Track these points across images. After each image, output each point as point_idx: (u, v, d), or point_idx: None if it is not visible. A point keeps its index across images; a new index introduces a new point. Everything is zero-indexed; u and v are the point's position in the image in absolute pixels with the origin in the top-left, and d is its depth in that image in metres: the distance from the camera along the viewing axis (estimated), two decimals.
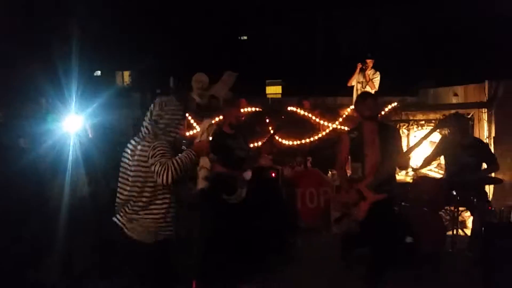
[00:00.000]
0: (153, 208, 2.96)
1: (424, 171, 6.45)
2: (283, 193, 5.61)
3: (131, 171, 2.99)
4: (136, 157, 2.97)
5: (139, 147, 2.98)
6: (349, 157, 4.04)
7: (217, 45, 13.39)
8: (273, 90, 16.86)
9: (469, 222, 5.42)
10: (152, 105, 3.09)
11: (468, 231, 5.18)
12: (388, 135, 3.89)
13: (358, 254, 4.53)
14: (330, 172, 6.60)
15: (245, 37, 16.09)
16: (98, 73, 15.53)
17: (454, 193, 4.95)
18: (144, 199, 2.95)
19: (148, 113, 3.07)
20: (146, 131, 3.04)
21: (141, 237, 2.95)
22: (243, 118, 4.78)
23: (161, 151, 2.89)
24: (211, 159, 3.90)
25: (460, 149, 4.92)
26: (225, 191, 4.35)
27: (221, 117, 6.44)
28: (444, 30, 7.48)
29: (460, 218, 5.22)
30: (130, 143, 3.05)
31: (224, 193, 4.36)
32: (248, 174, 4.44)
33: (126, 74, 15.05)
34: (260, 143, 5.98)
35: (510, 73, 5.88)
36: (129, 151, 3.03)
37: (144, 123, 3.07)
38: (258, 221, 4.99)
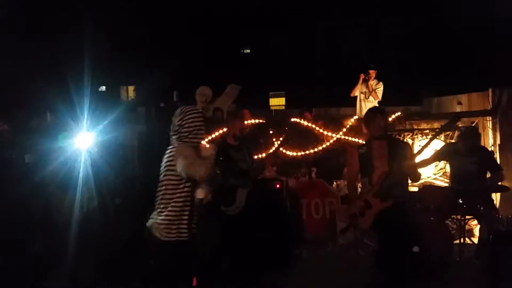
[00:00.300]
0: (174, 205, 3.13)
1: (430, 179, 6.41)
2: (288, 204, 5.60)
3: (161, 175, 3.21)
4: (164, 161, 3.20)
5: (167, 152, 3.22)
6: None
7: (220, 58, 13.49)
8: (277, 102, 16.93)
9: (476, 231, 5.37)
10: (173, 117, 3.24)
11: (476, 240, 5.14)
12: (397, 148, 3.89)
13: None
14: (335, 183, 6.58)
15: (248, 50, 16.21)
16: (103, 88, 15.67)
17: (461, 201, 4.92)
18: (167, 197, 3.15)
19: (171, 125, 3.24)
20: (172, 141, 3.23)
21: (165, 236, 3.13)
22: (247, 130, 4.82)
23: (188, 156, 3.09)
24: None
25: (464, 156, 4.92)
26: (223, 202, 4.36)
27: (225, 129, 6.50)
28: (447, 40, 7.50)
29: (467, 227, 5.18)
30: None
31: (222, 205, 4.37)
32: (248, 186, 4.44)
33: (131, 89, 15.16)
34: (264, 155, 6.00)
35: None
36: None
37: (170, 133, 3.26)
38: (260, 232, 5.01)
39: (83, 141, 4.45)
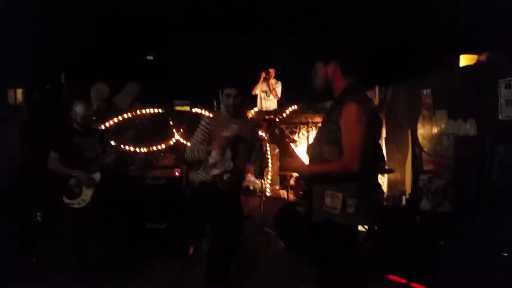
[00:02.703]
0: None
1: None
2: (188, 193, 5.42)
3: None
4: None
5: None
6: None
7: (121, 62, 12.93)
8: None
9: None
10: None
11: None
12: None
13: None
14: None
15: (151, 57, 15.75)
16: None
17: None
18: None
19: None
20: None
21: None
22: (91, 118, 4.40)
23: (198, 130, 3.80)
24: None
25: None
26: (66, 194, 4.04)
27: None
28: (337, 41, 7.94)
29: None
30: None
31: (66, 197, 4.04)
32: (96, 176, 4.12)
33: (19, 91, 13.77)
34: (163, 146, 5.80)
35: (397, 78, 6.37)
36: None
37: None
38: (153, 223, 4.85)
39: None
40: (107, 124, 6.13)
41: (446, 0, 5.45)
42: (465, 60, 5.23)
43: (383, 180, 6.00)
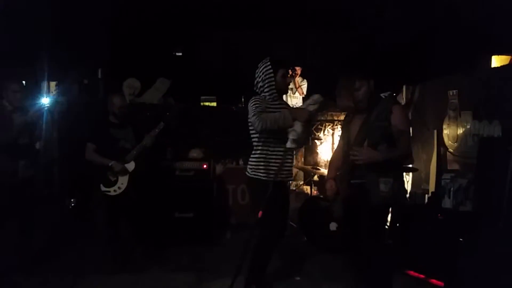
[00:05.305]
0: (256, 152, 3.56)
1: None
2: (215, 186, 5.62)
3: None
4: None
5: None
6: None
7: (152, 56, 13.24)
8: None
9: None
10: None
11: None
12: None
13: None
14: None
15: (180, 53, 16.00)
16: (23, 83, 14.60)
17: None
18: (255, 143, 3.58)
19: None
20: None
21: (252, 174, 3.57)
22: (126, 110, 4.52)
23: (255, 105, 3.42)
24: None
25: None
26: (103, 182, 4.29)
27: None
28: (362, 43, 7.99)
29: None
30: None
31: (103, 184, 4.29)
32: (130, 166, 4.37)
33: (52, 84, 14.28)
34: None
35: (423, 77, 6.38)
36: None
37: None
38: (180, 212, 5.07)
39: None
40: (139, 118, 6.37)
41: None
42: (497, 61, 5.21)
43: (407, 179, 6.04)
